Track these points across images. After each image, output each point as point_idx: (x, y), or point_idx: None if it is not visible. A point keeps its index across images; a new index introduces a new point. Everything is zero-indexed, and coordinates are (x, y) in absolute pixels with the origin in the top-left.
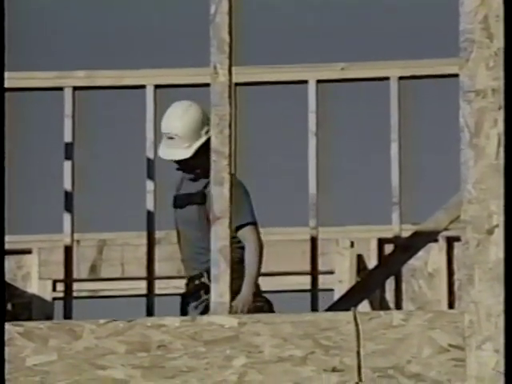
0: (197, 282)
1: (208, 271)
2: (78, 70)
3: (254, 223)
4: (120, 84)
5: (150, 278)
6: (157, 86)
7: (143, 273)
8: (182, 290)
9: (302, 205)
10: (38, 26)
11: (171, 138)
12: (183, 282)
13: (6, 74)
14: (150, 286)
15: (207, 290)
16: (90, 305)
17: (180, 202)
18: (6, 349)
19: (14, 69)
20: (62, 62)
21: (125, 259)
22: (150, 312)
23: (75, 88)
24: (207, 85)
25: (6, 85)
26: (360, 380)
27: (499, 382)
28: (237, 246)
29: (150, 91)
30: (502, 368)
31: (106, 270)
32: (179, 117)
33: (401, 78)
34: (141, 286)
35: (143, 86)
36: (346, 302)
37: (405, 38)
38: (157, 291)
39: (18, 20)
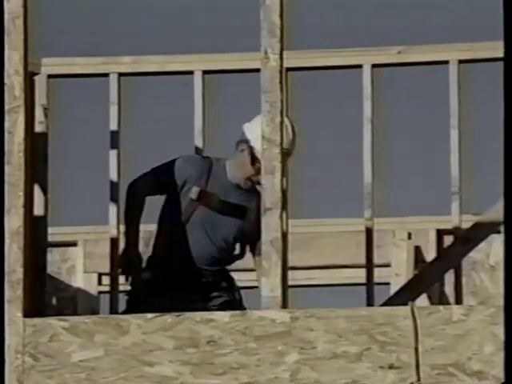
0: (210, 279)
1: (220, 272)
2: (124, 55)
3: None
4: (167, 70)
5: None
6: (205, 72)
7: None
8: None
9: (357, 194)
10: (82, 11)
11: None
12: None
13: (50, 60)
14: None
15: (217, 288)
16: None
17: (228, 211)
18: (52, 344)
19: (57, 54)
20: (108, 48)
21: None
22: None
23: (121, 74)
24: (257, 70)
25: (50, 71)
26: (418, 378)
27: None
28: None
29: (197, 77)
30: None
31: None
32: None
33: (461, 61)
34: None
35: (191, 72)
36: (403, 296)
37: (465, 18)
38: None
39: (64, 5)
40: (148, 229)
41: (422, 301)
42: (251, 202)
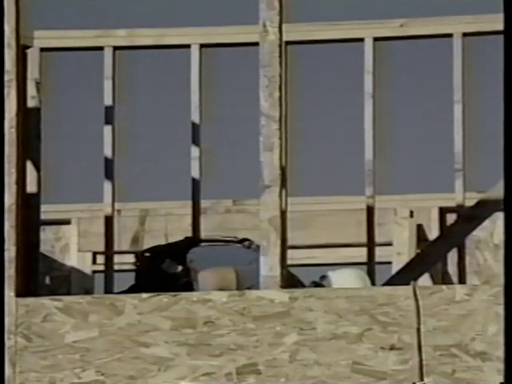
0: None
1: None
2: (119, 28)
3: None
4: (163, 43)
5: None
6: (202, 46)
7: None
8: None
9: (358, 172)
10: None
11: None
12: None
13: (43, 33)
14: None
15: None
16: (132, 278)
17: None
18: (45, 324)
19: (50, 27)
20: (102, 20)
21: (168, 230)
22: None
23: (116, 48)
24: (256, 44)
25: (43, 44)
26: (420, 359)
27: None
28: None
29: (195, 51)
30: None
31: (148, 242)
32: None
33: (465, 34)
34: None
35: (188, 46)
36: (405, 276)
37: None
38: None
39: None
40: (144, 207)
41: (425, 280)
42: None
